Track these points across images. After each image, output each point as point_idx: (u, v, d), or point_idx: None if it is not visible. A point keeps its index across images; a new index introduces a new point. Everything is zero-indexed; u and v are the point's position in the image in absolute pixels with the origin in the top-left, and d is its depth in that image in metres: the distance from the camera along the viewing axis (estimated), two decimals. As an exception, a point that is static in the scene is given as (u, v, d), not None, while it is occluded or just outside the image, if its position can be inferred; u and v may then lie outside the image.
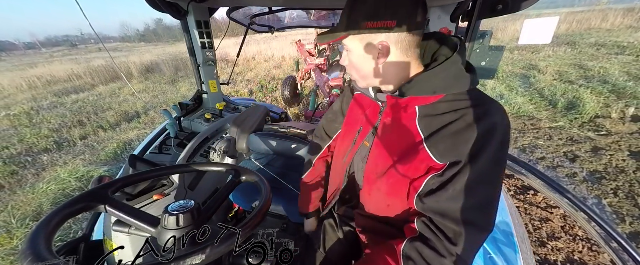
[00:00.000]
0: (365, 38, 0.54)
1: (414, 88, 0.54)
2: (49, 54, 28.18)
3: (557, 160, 2.54)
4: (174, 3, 1.29)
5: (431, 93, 0.54)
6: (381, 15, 0.50)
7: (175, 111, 1.55)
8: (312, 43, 4.23)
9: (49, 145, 3.71)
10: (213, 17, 1.52)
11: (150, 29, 66.88)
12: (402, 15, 0.50)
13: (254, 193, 1.17)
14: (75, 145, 3.75)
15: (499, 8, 0.93)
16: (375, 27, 0.51)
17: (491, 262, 0.80)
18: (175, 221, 0.48)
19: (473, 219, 0.49)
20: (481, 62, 1.15)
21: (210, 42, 1.53)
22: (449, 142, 0.51)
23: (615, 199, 1.99)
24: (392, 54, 0.54)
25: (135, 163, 0.95)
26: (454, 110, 0.53)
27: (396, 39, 0.52)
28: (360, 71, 0.60)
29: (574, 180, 2.23)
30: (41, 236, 0.40)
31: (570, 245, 1.64)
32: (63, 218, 0.47)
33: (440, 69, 0.53)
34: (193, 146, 1.21)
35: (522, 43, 0.86)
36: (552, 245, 1.64)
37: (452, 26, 1.14)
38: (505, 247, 0.84)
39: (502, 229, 0.90)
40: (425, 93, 0.54)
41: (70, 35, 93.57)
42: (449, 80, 0.53)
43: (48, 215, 0.46)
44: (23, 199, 2.44)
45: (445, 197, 0.51)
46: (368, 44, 0.55)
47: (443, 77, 0.53)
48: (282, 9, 1.61)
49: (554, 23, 0.82)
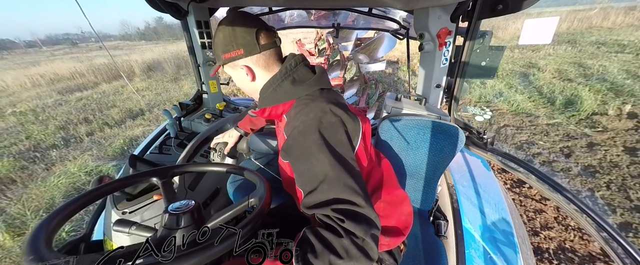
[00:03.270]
0: (232, 65, 0.68)
1: (267, 99, 0.67)
2: (50, 52, 28.20)
3: (552, 155, 2.61)
4: (174, 3, 1.28)
5: (276, 102, 0.66)
6: (230, 47, 0.64)
7: (175, 111, 1.56)
8: (312, 42, 4.28)
9: (56, 142, 3.79)
10: (213, 17, 1.52)
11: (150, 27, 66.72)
12: (245, 43, 0.63)
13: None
14: (82, 141, 3.83)
15: (499, 8, 0.94)
16: (231, 57, 0.65)
17: (491, 262, 0.80)
18: (175, 221, 0.48)
19: (334, 198, 0.51)
20: (481, 62, 1.14)
21: (210, 42, 1.51)
22: (284, 144, 0.61)
23: (607, 191, 2.06)
24: (257, 72, 0.68)
25: (135, 163, 0.96)
26: (294, 115, 0.63)
27: (253, 61, 0.66)
28: (246, 90, 0.74)
29: (568, 174, 2.30)
30: (42, 236, 0.40)
31: (562, 234, 1.72)
32: (69, 213, 0.48)
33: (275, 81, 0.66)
34: (193, 146, 1.21)
35: (522, 43, 0.86)
36: (545, 234, 1.71)
37: (452, 26, 1.15)
38: (505, 247, 0.84)
39: (502, 229, 0.90)
40: (273, 102, 0.66)
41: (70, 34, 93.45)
42: (283, 92, 0.65)
43: (52, 213, 0.45)
44: (35, 192, 2.53)
45: (302, 190, 0.56)
46: (236, 69, 0.68)
47: (282, 89, 0.65)
48: (282, 9, 1.62)
49: (554, 23, 0.82)
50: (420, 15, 1.14)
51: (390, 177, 0.81)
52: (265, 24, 0.67)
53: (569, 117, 3.39)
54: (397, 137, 1.14)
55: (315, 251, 0.48)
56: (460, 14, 1.10)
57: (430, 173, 1.11)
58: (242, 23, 0.64)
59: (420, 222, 1.09)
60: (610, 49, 7.20)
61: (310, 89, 0.64)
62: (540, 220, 1.82)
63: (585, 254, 1.57)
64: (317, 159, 0.53)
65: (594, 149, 2.64)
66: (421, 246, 0.98)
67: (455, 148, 1.05)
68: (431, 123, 1.09)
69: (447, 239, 1.02)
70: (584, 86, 4.28)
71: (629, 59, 5.98)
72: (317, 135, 0.55)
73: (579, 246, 1.62)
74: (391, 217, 0.75)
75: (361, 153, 0.64)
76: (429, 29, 1.13)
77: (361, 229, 0.48)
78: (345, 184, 0.51)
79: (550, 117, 3.46)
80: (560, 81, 4.77)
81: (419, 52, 1.23)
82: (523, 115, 3.60)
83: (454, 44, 1.20)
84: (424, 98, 1.29)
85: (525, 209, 1.92)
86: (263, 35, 0.65)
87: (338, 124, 0.58)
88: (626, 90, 4.00)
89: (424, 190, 1.14)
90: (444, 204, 1.17)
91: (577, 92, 4.01)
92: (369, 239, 0.48)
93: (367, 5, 1.39)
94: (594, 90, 4.09)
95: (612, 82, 4.38)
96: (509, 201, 1.04)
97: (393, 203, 0.77)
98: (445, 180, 1.21)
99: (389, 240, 0.73)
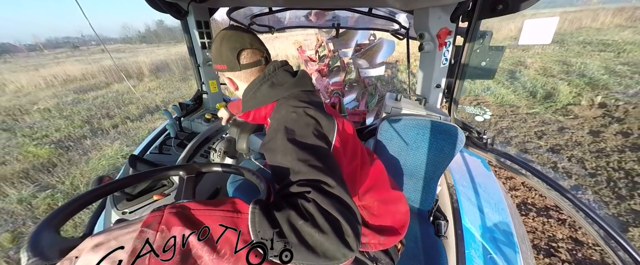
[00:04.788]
0: (222, 75, 0.77)
1: (247, 103, 0.74)
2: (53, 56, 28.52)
3: (527, 137, 3.02)
4: (174, 3, 1.28)
5: (256, 105, 0.72)
6: (217, 60, 0.72)
7: (175, 111, 1.56)
8: (313, 49, 4.56)
9: (85, 133, 4.18)
10: (213, 17, 1.52)
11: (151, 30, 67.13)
12: (228, 61, 0.70)
13: (254, 193, 1.12)
14: (108, 133, 4.22)
15: (499, 8, 0.93)
16: (217, 68, 0.73)
17: (491, 262, 0.79)
18: None
19: (301, 179, 0.47)
20: (481, 62, 1.13)
21: (210, 42, 1.51)
22: (262, 143, 0.61)
23: (568, 163, 2.46)
24: (239, 84, 0.75)
25: (135, 163, 0.96)
26: (272, 116, 0.68)
27: (234, 75, 0.73)
28: (238, 96, 0.81)
29: (537, 152, 2.71)
30: (44, 235, 0.39)
31: (526, 193, 2.12)
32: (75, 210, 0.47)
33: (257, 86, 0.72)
34: (193, 146, 1.20)
35: (522, 43, 0.86)
36: (512, 194, 2.11)
37: (452, 26, 1.15)
38: (505, 247, 0.83)
39: (502, 229, 0.88)
40: (253, 106, 0.73)
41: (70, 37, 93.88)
42: (262, 96, 0.70)
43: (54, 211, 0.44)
44: (80, 172, 2.92)
45: (277, 184, 0.53)
46: (223, 77, 0.78)
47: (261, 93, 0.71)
48: (282, 9, 1.60)
49: (554, 23, 0.81)
50: (420, 16, 1.14)
51: (383, 177, 0.81)
52: (254, 43, 0.70)
53: (547, 107, 3.81)
54: (397, 137, 1.14)
55: (277, 205, 0.43)
56: (460, 14, 1.10)
57: (430, 173, 1.11)
58: (229, 41, 0.69)
59: (420, 222, 1.09)
60: (595, 48, 7.64)
61: (288, 92, 0.67)
62: (510, 185, 2.22)
63: (542, 207, 1.97)
64: (285, 152, 0.51)
65: (563, 132, 3.05)
66: (421, 246, 0.98)
67: (455, 148, 1.04)
68: (431, 123, 1.09)
69: (447, 239, 1.03)
70: (564, 81, 4.71)
71: (610, 57, 6.42)
72: (284, 130, 0.55)
73: (537, 201, 2.02)
74: (385, 216, 0.75)
75: (339, 150, 0.62)
76: (429, 29, 1.13)
77: (329, 204, 0.42)
78: (313, 166, 0.48)
79: (531, 107, 3.88)
80: (543, 77, 5.20)
81: (418, 53, 1.24)
82: (506, 106, 4.01)
83: (454, 44, 1.21)
84: (424, 98, 1.30)
85: (498, 176, 2.33)
86: (245, 55, 0.69)
87: (308, 120, 0.58)
88: (601, 84, 4.43)
89: (424, 190, 1.14)
90: (444, 204, 1.18)
91: (557, 86, 4.43)
92: (341, 218, 0.41)
93: (367, 5, 1.40)
94: (573, 85, 4.52)
95: (590, 78, 4.81)
96: (509, 201, 1.03)
97: (387, 202, 0.77)
98: (445, 180, 1.22)
99: (384, 239, 0.74)
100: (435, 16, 1.10)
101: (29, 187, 2.72)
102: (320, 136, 0.56)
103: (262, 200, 0.44)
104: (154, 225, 0.36)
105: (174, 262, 0.33)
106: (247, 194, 1.03)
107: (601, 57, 6.40)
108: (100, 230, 0.38)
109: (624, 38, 8.20)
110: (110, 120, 4.79)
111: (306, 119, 0.58)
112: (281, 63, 0.72)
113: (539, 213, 1.91)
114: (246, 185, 1.05)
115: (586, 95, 4.03)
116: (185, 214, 0.39)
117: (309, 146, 0.53)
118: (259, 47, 0.71)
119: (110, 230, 0.36)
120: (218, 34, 0.70)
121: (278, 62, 0.72)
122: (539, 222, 1.83)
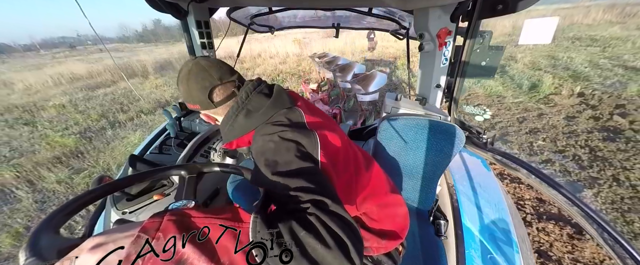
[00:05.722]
0: (201, 113, 0.71)
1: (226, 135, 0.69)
2: (51, 55, 28.65)
3: (509, 122, 3.37)
4: (174, 3, 1.28)
5: (235, 137, 0.67)
6: (189, 101, 0.66)
7: (175, 111, 1.55)
8: (316, 83, 4.76)
9: (104, 125, 4.49)
10: (212, 17, 1.52)
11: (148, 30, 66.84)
12: (200, 101, 0.64)
13: (254, 193, 1.10)
14: (126, 124, 4.53)
15: (499, 8, 0.93)
16: (192, 108, 0.68)
17: (491, 261, 0.79)
18: None
19: (298, 200, 0.47)
20: (481, 62, 1.13)
21: (210, 42, 1.51)
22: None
23: (542, 142, 2.81)
24: (218, 118, 0.70)
25: (135, 163, 0.95)
26: (253, 144, 0.63)
27: (211, 112, 0.68)
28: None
29: (518, 134, 3.06)
30: (44, 235, 0.39)
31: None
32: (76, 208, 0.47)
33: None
34: (193, 146, 1.20)
35: (522, 42, 0.85)
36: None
37: (452, 26, 1.14)
38: (505, 247, 0.82)
39: (502, 229, 0.88)
40: (232, 137, 0.68)
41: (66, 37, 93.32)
42: (239, 127, 0.66)
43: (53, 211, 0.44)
44: (108, 156, 3.23)
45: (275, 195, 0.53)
46: (203, 115, 0.73)
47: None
48: (282, 9, 1.60)
49: (554, 23, 0.80)
50: (420, 15, 1.14)
51: (381, 182, 0.80)
52: (223, 76, 0.64)
53: (531, 97, 4.16)
54: (397, 137, 1.14)
55: (279, 216, 0.43)
56: (460, 14, 1.10)
57: (430, 173, 1.11)
58: (196, 81, 0.62)
59: (419, 222, 1.09)
60: (583, 43, 8.01)
61: (265, 117, 0.63)
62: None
63: (515, 178, 2.31)
64: (274, 185, 0.50)
65: (541, 117, 3.40)
66: (421, 246, 0.98)
67: (455, 148, 1.05)
68: (431, 123, 1.09)
69: (447, 239, 1.03)
70: (549, 74, 5.06)
71: (595, 51, 6.77)
72: (265, 164, 0.54)
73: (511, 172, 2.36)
74: (385, 221, 0.76)
75: (327, 165, 0.60)
76: (429, 29, 1.12)
77: (330, 220, 0.42)
78: (305, 189, 0.47)
79: (516, 97, 4.23)
80: (531, 70, 5.55)
81: (418, 52, 1.24)
82: (494, 96, 4.36)
83: (454, 44, 1.20)
84: (424, 98, 1.29)
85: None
86: (217, 92, 0.64)
87: (287, 145, 0.56)
88: (582, 76, 4.78)
89: (423, 190, 1.14)
90: (443, 204, 1.18)
91: (542, 78, 4.78)
92: (343, 234, 0.41)
93: (367, 5, 1.41)
94: (557, 77, 4.87)
95: (574, 70, 5.16)
96: (508, 201, 1.02)
97: (386, 206, 0.77)
98: (445, 180, 1.22)
99: (386, 243, 0.74)
100: (435, 16, 1.10)
101: (63, 170, 3.03)
102: (304, 156, 0.55)
103: (264, 210, 0.45)
104: (151, 232, 0.37)
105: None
106: (247, 194, 1.03)
107: (587, 52, 6.75)
108: (101, 232, 0.39)
109: (612, 34, 8.55)
110: (124, 114, 5.10)
111: (285, 144, 0.56)
112: (254, 85, 0.67)
113: (512, 181, 2.26)
114: (246, 185, 1.04)
115: (567, 86, 4.38)
116: (184, 221, 0.40)
117: (296, 171, 0.52)
118: (229, 77, 0.66)
119: (111, 232, 0.38)
120: (181, 72, 0.64)
121: (250, 85, 0.66)
122: (511, 188, 2.18)
